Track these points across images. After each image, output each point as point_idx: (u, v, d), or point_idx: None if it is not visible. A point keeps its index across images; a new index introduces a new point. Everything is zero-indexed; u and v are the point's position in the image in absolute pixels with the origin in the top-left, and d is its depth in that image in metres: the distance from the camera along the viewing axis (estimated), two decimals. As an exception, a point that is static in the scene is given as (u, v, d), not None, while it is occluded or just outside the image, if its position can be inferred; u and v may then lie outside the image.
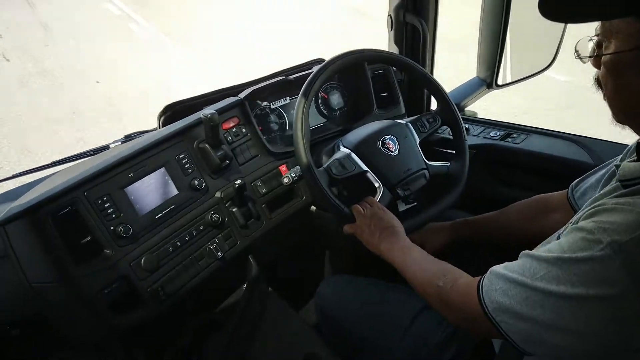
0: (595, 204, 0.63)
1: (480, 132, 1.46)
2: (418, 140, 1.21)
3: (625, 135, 0.73)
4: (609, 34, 0.60)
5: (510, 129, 1.44)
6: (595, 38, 0.63)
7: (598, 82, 0.66)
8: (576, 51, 0.67)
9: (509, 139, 1.40)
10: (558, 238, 0.66)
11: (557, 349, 0.61)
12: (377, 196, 1.10)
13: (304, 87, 1.10)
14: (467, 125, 1.48)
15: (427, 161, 1.19)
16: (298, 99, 1.10)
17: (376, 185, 1.11)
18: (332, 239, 1.45)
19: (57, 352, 1.01)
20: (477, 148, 1.40)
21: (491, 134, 1.44)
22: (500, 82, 1.58)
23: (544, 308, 0.59)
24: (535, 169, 1.31)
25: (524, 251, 0.67)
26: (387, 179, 1.12)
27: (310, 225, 1.32)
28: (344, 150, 1.15)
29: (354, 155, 1.13)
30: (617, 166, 0.67)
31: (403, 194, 1.13)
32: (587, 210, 0.63)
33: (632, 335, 0.56)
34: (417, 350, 0.98)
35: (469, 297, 0.70)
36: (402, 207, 1.18)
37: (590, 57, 0.64)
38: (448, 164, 1.22)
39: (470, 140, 1.43)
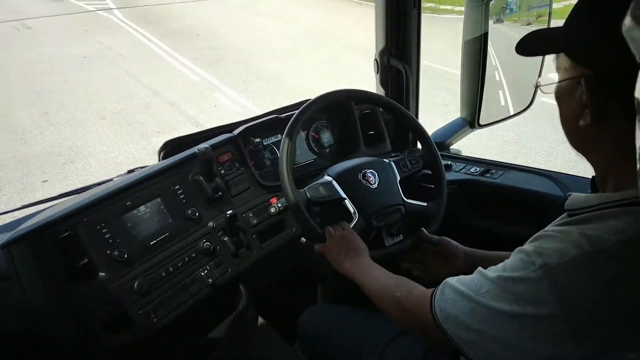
0: (540, 231, 0.69)
1: (462, 169, 1.54)
2: (399, 178, 1.28)
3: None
4: (556, 69, 0.70)
5: (489, 165, 1.52)
6: None
7: None
8: (537, 84, 0.77)
9: (488, 175, 1.47)
10: None
11: (497, 357, 0.66)
12: (351, 223, 1.17)
13: (287, 127, 1.18)
14: (449, 162, 1.56)
15: (405, 198, 1.26)
16: (282, 138, 1.17)
17: (352, 211, 1.18)
18: (322, 270, 1.50)
19: None
20: (458, 183, 1.48)
21: (472, 170, 1.51)
22: (482, 122, 1.68)
23: (486, 322, 0.65)
24: (511, 202, 1.38)
25: (478, 267, 0.72)
26: (363, 208, 1.19)
27: (300, 257, 1.38)
28: (326, 178, 1.23)
29: (334, 183, 1.20)
30: (569, 195, 0.73)
31: (377, 224, 1.20)
32: (533, 236, 0.69)
33: (562, 353, 0.60)
34: None
35: (421, 306, 0.76)
36: (388, 242, 1.24)
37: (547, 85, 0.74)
38: (425, 204, 1.28)
39: (452, 175, 1.51)
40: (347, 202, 1.19)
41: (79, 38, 8.72)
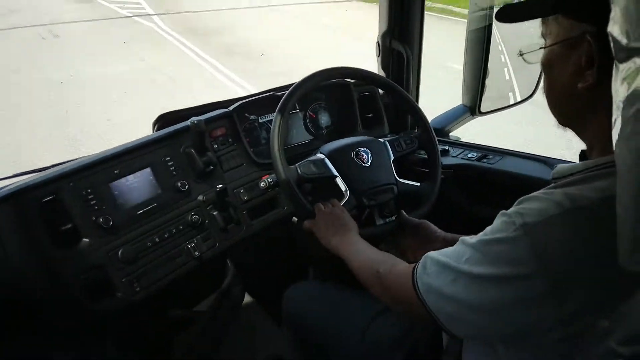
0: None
1: (459, 154, 1.52)
2: (392, 158, 1.26)
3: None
4: (546, 34, 0.68)
5: (486, 150, 1.50)
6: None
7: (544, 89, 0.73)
8: (520, 52, 0.76)
9: (485, 160, 1.45)
10: None
11: (477, 329, 0.65)
12: (342, 201, 1.15)
13: (281, 102, 1.15)
14: (447, 147, 1.54)
15: (397, 178, 1.24)
16: (274, 114, 1.14)
17: (343, 189, 1.16)
18: (313, 249, 1.49)
19: (30, 337, 1.04)
20: (455, 168, 1.46)
21: (469, 155, 1.49)
22: (483, 109, 1.66)
23: (468, 290, 0.63)
24: (507, 188, 1.35)
25: (460, 237, 0.71)
26: (355, 186, 1.17)
27: (291, 236, 1.37)
28: (319, 155, 1.21)
29: (327, 160, 1.19)
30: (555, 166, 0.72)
31: (369, 203, 1.18)
32: (518, 200, 0.66)
33: (540, 316, 0.59)
34: (373, 350, 1.02)
35: (404, 280, 0.74)
36: (379, 222, 1.23)
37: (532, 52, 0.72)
38: (419, 184, 1.26)
39: (449, 160, 1.49)
40: (339, 180, 1.17)
41: (117, 52, 7.05)
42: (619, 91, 0.44)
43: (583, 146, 0.71)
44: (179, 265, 1.10)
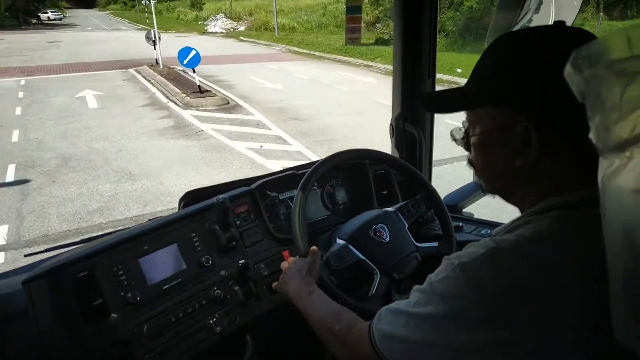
0: None
1: (472, 230, 1.55)
2: (407, 225, 1.31)
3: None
4: (475, 121, 0.75)
5: None
6: (464, 126, 0.79)
7: (470, 162, 0.80)
8: (452, 135, 0.83)
9: None
10: None
11: None
12: (374, 282, 1.17)
13: (302, 181, 1.23)
14: (460, 223, 1.58)
15: (417, 244, 1.28)
16: (296, 192, 1.22)
17: (372, 271, 1.18)
18: None
19: None
20: (467, 244, 1.48)
21: (482, 231, 1.53)
22: (494, 187, 1.71)
23: (420, 328, 0.68)
24: None
25: (414, 286, 0.75)
26: (382, 265, 1.19)
27: None
28: (339, 242, 1.24)
29: (350, 246, 1.21)
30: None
31: (399, 277, 1.20)
32: None
33: (484, 340, 0.62)
34: None
35: (361, 336, 0.78)
36: (396, 298, 1.24)
37: (462, 139, 0.79)
38: (437, 244, 1.30)
39: (463, 236, 1.52)
40: (366, 263, 1.19)
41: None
42: (605, 184, 0.50)
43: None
44: (201, 340, 1.12)
